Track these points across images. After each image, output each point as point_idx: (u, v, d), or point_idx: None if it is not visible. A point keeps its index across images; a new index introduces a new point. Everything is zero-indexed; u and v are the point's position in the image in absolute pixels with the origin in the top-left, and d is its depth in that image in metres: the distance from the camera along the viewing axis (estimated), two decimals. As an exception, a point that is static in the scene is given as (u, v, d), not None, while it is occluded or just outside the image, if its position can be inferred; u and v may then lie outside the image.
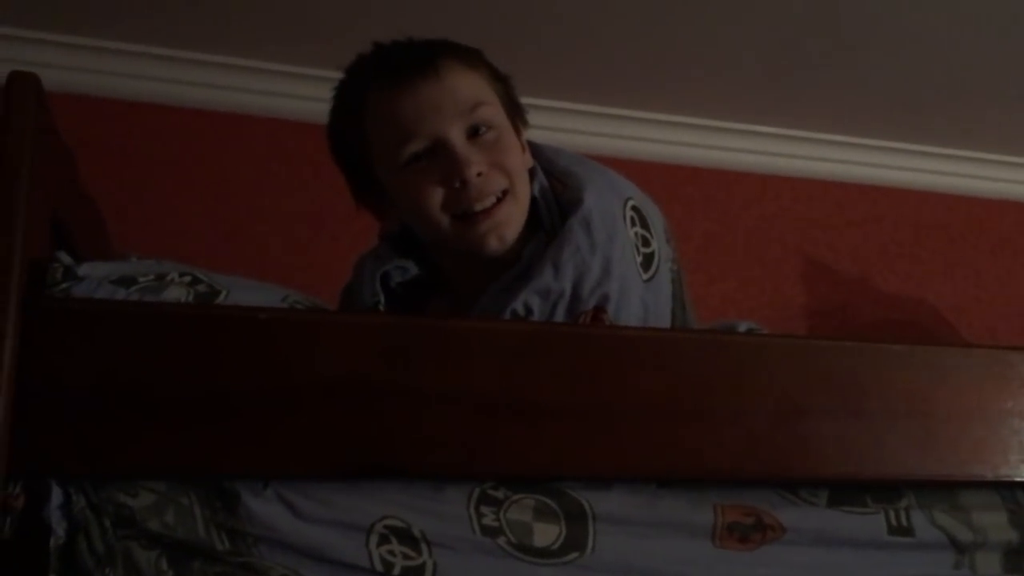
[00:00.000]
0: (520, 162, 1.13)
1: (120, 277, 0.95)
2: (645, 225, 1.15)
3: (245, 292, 0.99)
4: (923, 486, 1.03)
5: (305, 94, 2.09)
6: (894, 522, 1.00)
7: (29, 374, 0.85)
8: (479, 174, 1.08)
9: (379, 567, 0.87)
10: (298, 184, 2.09)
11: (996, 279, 2.40)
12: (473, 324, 1.01)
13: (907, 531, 1.00)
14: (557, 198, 1.14)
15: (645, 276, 1.13)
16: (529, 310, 1.09)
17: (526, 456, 0.94)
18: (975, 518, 1.03)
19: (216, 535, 0.86)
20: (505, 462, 0.94)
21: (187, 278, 0.97)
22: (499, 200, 1.10)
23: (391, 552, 0.88)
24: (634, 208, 1.15)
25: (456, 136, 1.09)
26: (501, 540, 0.91)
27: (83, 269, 0.94)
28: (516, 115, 1.18)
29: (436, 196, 1.09)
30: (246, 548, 0.86)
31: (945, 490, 1.04)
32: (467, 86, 1.11)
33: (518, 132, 1.17)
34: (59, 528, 0.83)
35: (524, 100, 1.21)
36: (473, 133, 1.10)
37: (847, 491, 1.01)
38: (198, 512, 0.86)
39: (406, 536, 0.89)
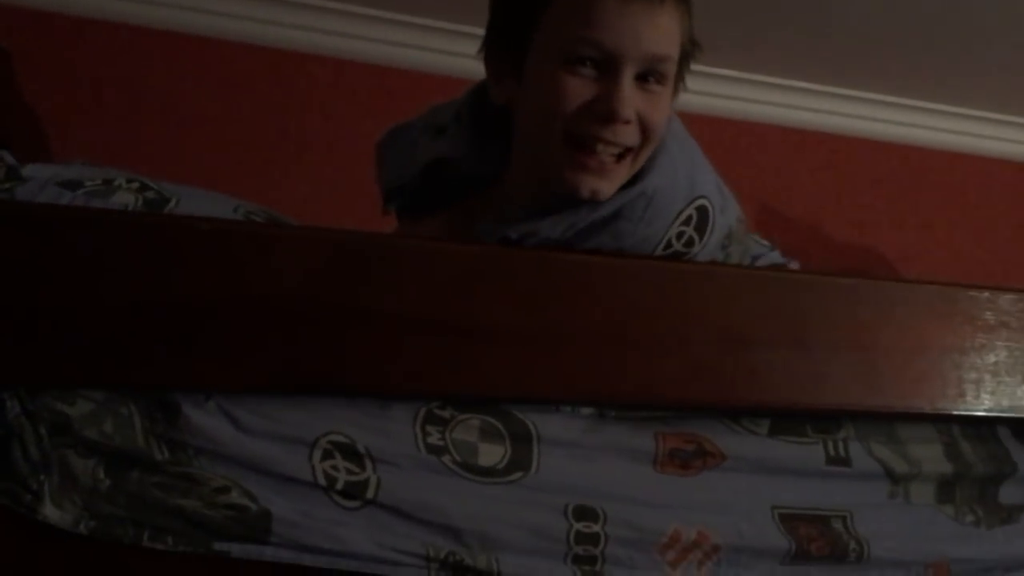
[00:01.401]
0: (662, 126, 1.04)
1: (66, 180, 0.92)
2: (701, 228, 1.08)
3: (195, 201, 0.97)
4: (863, 418, 1.05)
5: (259, 16, 2.04)
6: (832, 452, 1.02)
7: (-38, 278, 0.82)
8: (627, 121, 1.00)
9: (322, 481, 0.87)
10: (252, 110, 2.05)
11: (944, 231, 2.44)
12: (423, 243, 1.00)
13: (844, 461, 1.02)
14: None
15: None
16: (515, 241, 1.05)
17: (473, 377, 0.94)
18: (911, 450, 1.05)
19: (156, 445, 0.85)
20: (451, 382, 0.94)
21: (135, 184, 0.95)
22: (620, 158, 1.02)
23: (334, 467, 0.88)
24: (700, 208, 1.07)
25: (631, 71, 1.00)
26: (446, 458, 0.91)
27: (28, 170, 0.92)
28: (680, 82, 1.09)
29: (571, 107, 1.00)
30: (186, 459, 0.85)
31: (884, 422, 1.05)
32: (671, 34, 1.03)
33: (675, 90, 1.09)
34: (-8, 434, 0.81)
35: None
36: (643, 78, 1.02)
37: (788, 421, 1.03)
38: (137, 422, 0.85)
39: (350, 452, 0.89)
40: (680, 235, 1.07)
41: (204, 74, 2.01)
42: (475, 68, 1.13)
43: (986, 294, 1.06)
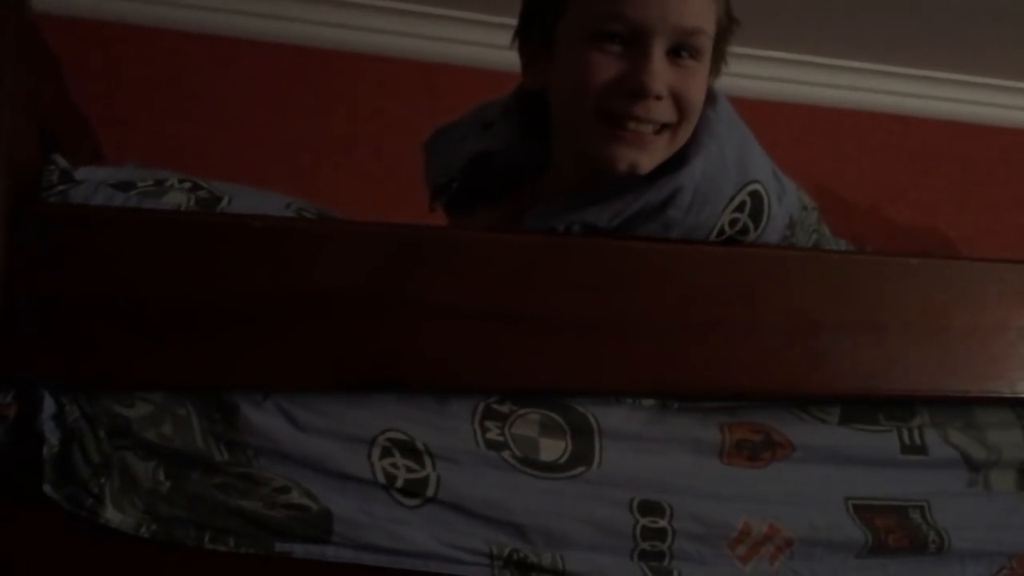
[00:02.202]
0: (699, 103, 1.01)
1: (118, 182, 0.92)
2: (756, 215, 1.03)
3: (248, 199, 0.96)
4: (938, 403, 1.01)
5: (304, 16, 2.05)
6: (907, 440, 0.98)
7: (20, 281, 0.82)
8: (658, 97, 0.97)
9: (382, 479, 0.86)
10: (299, 110, 2.05)
11: (1008, 209, 2.36)
12: (480, 235, 0.98)
13: (920, 449, 0.98)
14: (683, 146, 1.02)
15: None
16: (561, 232, 1.01)
17: (532, 370, 0.92)
18: (990, 436, 1.01)
19: (215, 446, 0.84)
20: (511, 376, 0.92)
21: (187, 184, 0.94)
22: (657, 132, 0.99)
23: (394, 465, 0.86)
24: (753, 194, 1.03)
25: (661, 45, 0.97)
26: (506, 454, 0.89)
27: (80, 173, 0.92)
28: (720, 59, 1.05)
29: (601, 85, 0.97)
30: (245, 459, 0.84)
31: (960, 408, 1.02)
32: (703, 7, 0.99)
33: (715, 69, 1.06)
34: (52, 437, 0.81)
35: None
36: (675, 52, 0.98)
37: (860, 408, 1.00)
38: (196, 423, 0.84)
39: (409, 449, 0.87)
40: (734, 222, 1.02)
41: (251, 76, 2.02)
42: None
43: (1065, 271, 1.01)
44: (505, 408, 0.91)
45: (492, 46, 2.07)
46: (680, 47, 0.98)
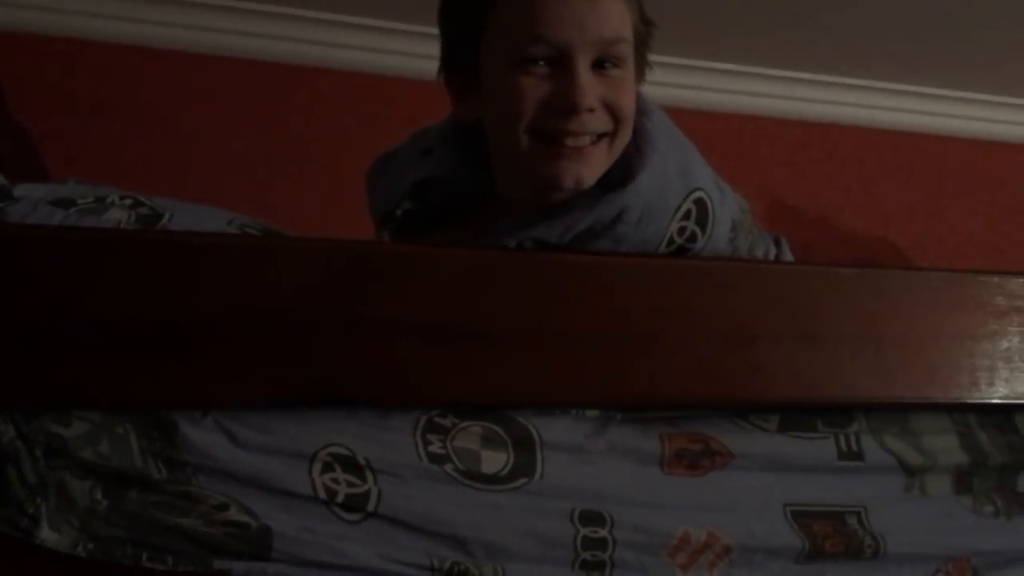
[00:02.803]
0: (632, 110, 1.02)
1: (58, 199, 0.92)
2: (702, 221, 1.06)
3: (189, 215, 0.96)
4: (874, 410, 1.03)
5: (259, 31, 2.04)
6: (844, 447, 1.00)
7: (-47, 301, 0.82)
8: (591, 109, 0.98)
9: (322, 495, 0.86)
10: (254, 124, 2.05)
11: (956, 217, 2.41)
12: (423, 249, 0.98)
13: (857, 455, 1.00)
14: (625, 160, 1.04)
15: None
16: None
17: (475, 383, 0.93)
18: (925, 441, 1.03)
19: (153, 464, 0.84)
20: (453, 389, 0.93)
21: (128, 201, 0.94)
22: (594, 143, 1.00)
23: (335, 480, 0.87)
24: (698, 201, 1.06)
25: (584, 60, 0.98)
26: (448, 467, 0.90)
27: (19, 190, 0.91)
28: (642, 64, 1.07)
29: (533, 108, 0.98)
30: (184, 477, 0.84)
31: (896, 414, 1.03)
32: (618, 16, 1.01)
33: (639, 73, 1.07)
34: (-13, 458, 0.80)
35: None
36: (599, 65, 1.00)
37: (798, 416, 1.01)
38: (134, 441, 0.84)
39: (350, 464, 0.88)
40: (682, 230, 1.05)
41: (202, 91, 2.01)
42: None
43: (996, 279, 1.04)
44: (447, 421, 0.92)
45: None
46: (603, 59, 0.99)
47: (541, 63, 0.98)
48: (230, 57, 2.04)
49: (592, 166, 1.00)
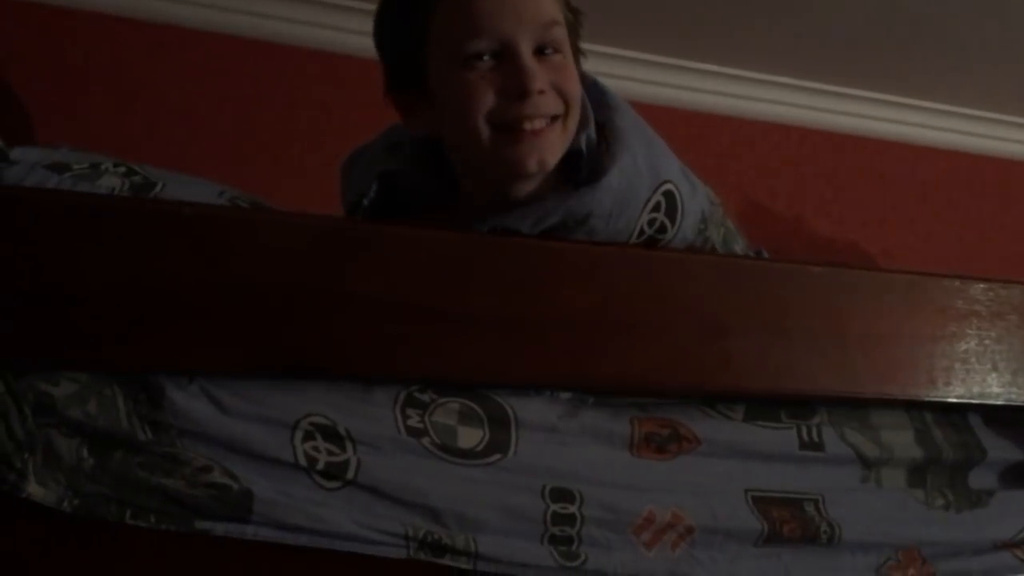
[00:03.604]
0: (579, 92, 1.08)
1: (53, 163, 0.93)
2: (671, 213, 1.10)
3: (181, 186, 0.98)
4: (836, 404, 1.07)
5: (247, 8, 2.05)
6: (806, 437, 1.04)
7: (-52, 259, 0.83)
8: (541, 91, 1.03)
9: (303, 462, 0.89)
10: (238, 102, 2.06)
11: (924, 226, 2.46)
12: (406, 230, 1.00)
13: (818, 446, 1.04)
14: (594, 155, 1.08)
15: None
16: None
17: (453, 361, 0.96)
18: (883, 436, 1.07)
19: (139, 426, 0.86)
20: (430, 366, 0.95)
21: (121, 168, 0.96)
22: (548, 125, 1.04)
23: (315, 448, 0.89)
24: (666, 193, 1.10)
25: (527, 47, 1.03)
26: (425, 441, 0.92)
27: (15, 153, 0.93)
28: (577, 50, 1.12)
29: (487, 102, 1.03)
30: (169, 439, 0.86)
31: (857, 408, 1.08)
32: (549, 2, 1.06)
33: (576, 58, 1.11)
34: (-24, 413, 0.82)
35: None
36: (540, 51, 1.04)
37: (763, 407, 1.05)
38: (121, 403, 0.86)
39: (331, 433, 0.90)
40: (652, 222, 1.09)
41: (192, 67, 2.01)
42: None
43: (957, 283, 1.08)
44: (426, 397, 0.94)
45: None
46: (543, 45, 1.04)
47: (486, 58, 1.03)
48: (219, 34, 2.05)
49: (551, 148, 1.05)
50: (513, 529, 0.92)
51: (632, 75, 2.23)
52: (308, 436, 0.89)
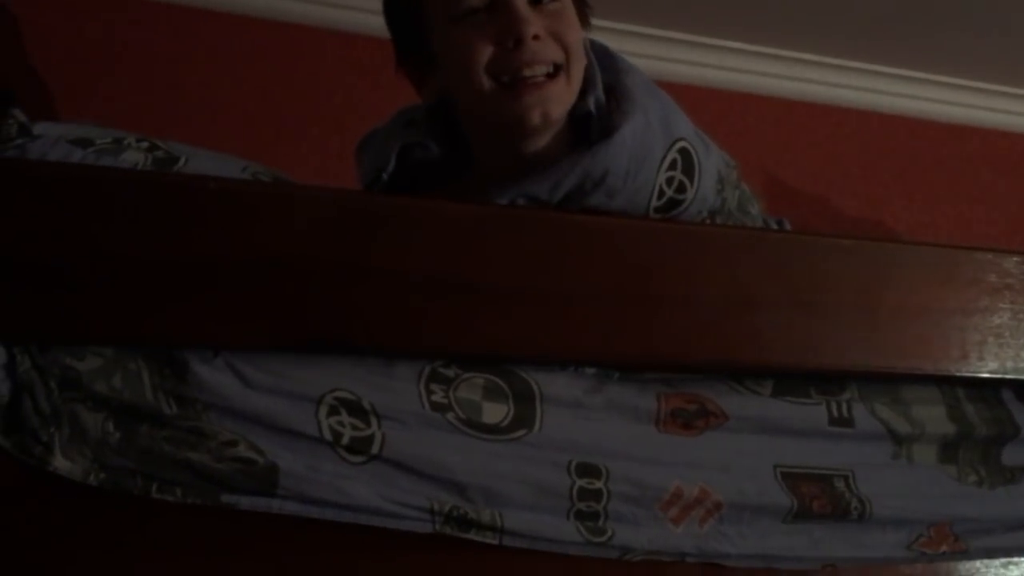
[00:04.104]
0: (579, 40, 1.07)
1: (77, 138, 0.93)
2: (688, 171, 1.09)
3: (204, 161, 0.98)
4: (866, 378, 1.05)
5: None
6: (835, 413, 1.03)
7: (-27, 234, 0.83)
8: (535, 36, 1.02)
9: (328, 436, 0.88)
10: (260, 83, 2.06)
11: (951, 204, 2.43)
12: (430, 203, 1.00)
13: (848, 422, 1.03)
14: (605, 116, 1.08)
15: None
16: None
17: (477, 335, 0.95)
18: (914, 411, 1.06)
19: (164, 400, 0.86)
20: (456, 340, 0.95)
21: (144, 144, 0.96)
22: (550, 76, 1.04)
23: (340, 423, 0.89)
24: (682, 151, 1.09)
25: None
26: (450, 416, 0.92)
27: (39, 127, 0.93)
28: (583, 7, 1.12)
29: (485, 53, 1.03)
30: (194, 413, 0.86)
31: (887, 383, 1.06)
32: None
33: (581, 17, 1.11)
34: (3, 387, 0.82)
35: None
36: (536, 2, 1.05)
37: (792, 382, 1.04)
38: (146, 377, 0.86)
39: (356, 408, 0.90)
40: (670, 180, 1.08)
41: (212, 48, 2.01)
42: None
43: (989, 256, 1.07)
44: (450, 372, 0.94)
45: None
46: None
47: (480, 12, 1.03)
48: (239, 14, 2.05)
49: (555, 100, 1.05)
50: (539, 504, 0.92)
51: (654, 53, 2.21)
52: (333, 411, 0.89)
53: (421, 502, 0.89)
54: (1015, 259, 1.08)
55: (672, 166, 1.07)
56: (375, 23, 2.14)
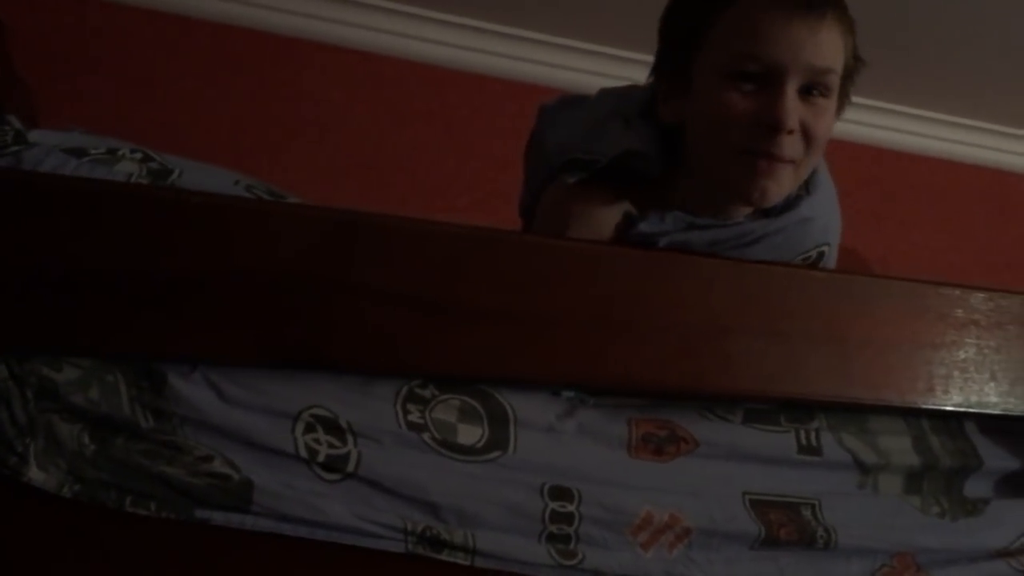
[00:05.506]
0: (826, 139, 1.10)
1: (71, 147, 0.94)
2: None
3: (197, 174, 0.98)
4: (834, 408, 1.07)
5: (260, 2, 2.05)
6: (804, 441, 1.04)
7: (-46, 242, 0.83)
8: (791, 131, 1.06)
9: (304, 453, 0.89)
10: (243, 93, 2.06)
11: (921, 234, 2.48)
12: (412, 223, 1.01)
13: (816, 451, 1.04)
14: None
15: None
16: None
17: (456, 357, 0.96)
18: (881, 442, 1.07)
19: (141, 413, 0.86)
20: (432, 361, 0.95)
21: (138, 155, 0.96)
22: (785, 163, 1.09)
23: (316, 440, 0.89)
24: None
25: (793, 84, 1.06)
26: (425, 436, 0.93)
27: (34, 135, 0.93)
28: (844, 97, 1.14)
29: (740, 121, 1.06)
30: (171, 427, 0.86)
31: (855, 413, 1.08)
32: (834, 48, 1.08)
33: (839, 110, 1.14)
34: (-21, 397, 0.82)
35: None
36: (806, 91, 1.07)
37: (762, 410, 1.05)
38: (123, 390, 0.86)
39: (332, 426, 0.90)
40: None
41: (200, 57, 2.02)
42: (465, 58, 1.15)
43: (957, 292, 1.09)
44: (427, 393, 0.95)
45: (437, 42, 2.10)
46: (811, 85, 1.06)
47: (752, 80, 1.05)
48: (227, 25, 2.05)
49: (780, 185, 1.09)
50: (512, 526, 0.93)
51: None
52: (309, 428, 0.89)
53: (395, 521, 0.90)
54: (981, 295, 1.10)
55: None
56: (358, 37, 2.16)
